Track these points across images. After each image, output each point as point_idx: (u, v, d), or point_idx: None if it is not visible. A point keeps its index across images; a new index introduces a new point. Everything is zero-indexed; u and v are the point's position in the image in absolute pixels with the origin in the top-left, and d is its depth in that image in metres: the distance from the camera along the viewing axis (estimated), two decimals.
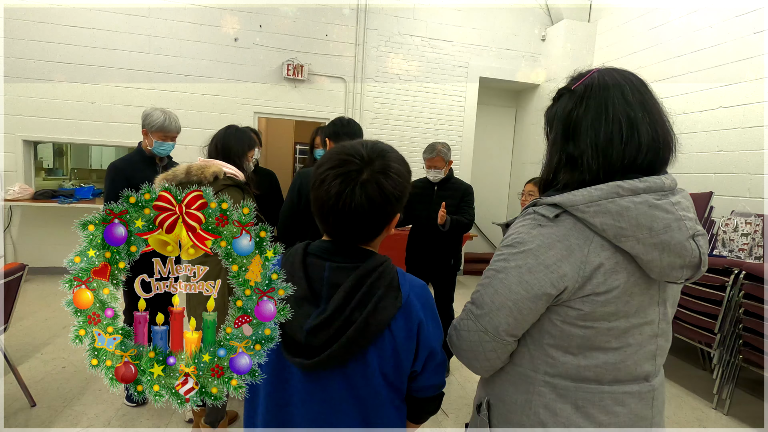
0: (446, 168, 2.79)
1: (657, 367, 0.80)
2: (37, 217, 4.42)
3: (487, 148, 6.00)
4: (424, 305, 0.81)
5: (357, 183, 0.74)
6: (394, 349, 0.77)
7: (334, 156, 0.78)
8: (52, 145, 5.29)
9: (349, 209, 0.74)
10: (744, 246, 2.92)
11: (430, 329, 0.81)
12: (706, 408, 2.64)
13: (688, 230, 0.71)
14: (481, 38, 5.28)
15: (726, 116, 3.52)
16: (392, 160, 0.79)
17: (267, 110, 4.86)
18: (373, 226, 0.78)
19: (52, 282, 4.17)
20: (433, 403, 0.89)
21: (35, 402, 2.22)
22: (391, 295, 0.76)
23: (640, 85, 0.77)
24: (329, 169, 0.76)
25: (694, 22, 3.80)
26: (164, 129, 2.17)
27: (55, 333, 3.10)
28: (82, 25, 4.26)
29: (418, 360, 0.81)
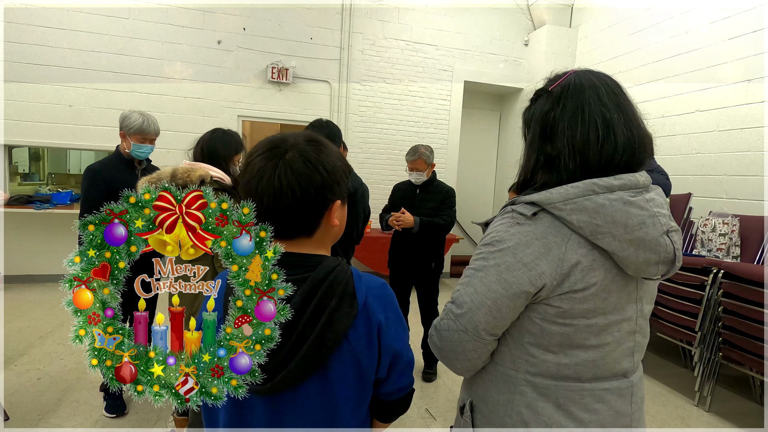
0: (429, 171, 2.80)
1: (635, 363, 0.81)
2: (12, 224, 4.28)
3: (471, 151, 6.06)
4: (385, 305, 0.77)
5: (280, 161, 0.71)
6: (355, 360, 0.73)
7: (261, 144, 0.76)
8: (28, 149, 5.15)
9: (273, 189, 0.70)
10: (722, 246, 3.00)
11: (391, 330, 0.76)
12: (688, 405, 2.69)
13: (662, 226, 0.72)
14: (466, 42, 5.34)
15: (703, 119, 3.62)
16: (323, 144, 0.76)
17: (251, 113, 4.82)
18: (307, 209, 0.73)
19: (28, 290, 4.04)
20: (402, 403, 0.85)
21: (8, 416, 2.14)
22: (346, 303, 0.71)
23: (615, 86, 0.78)
24: (254, 155, 0.74)
25: (672, 28, 3.91)
26: (142, 131, 2.13)
27: (30, 343, 3.00)
28: (59, 26, 4.17)
29: (381, 366, 0.76)
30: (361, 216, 2.20)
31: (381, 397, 0.82)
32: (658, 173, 2.62)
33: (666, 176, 2.65)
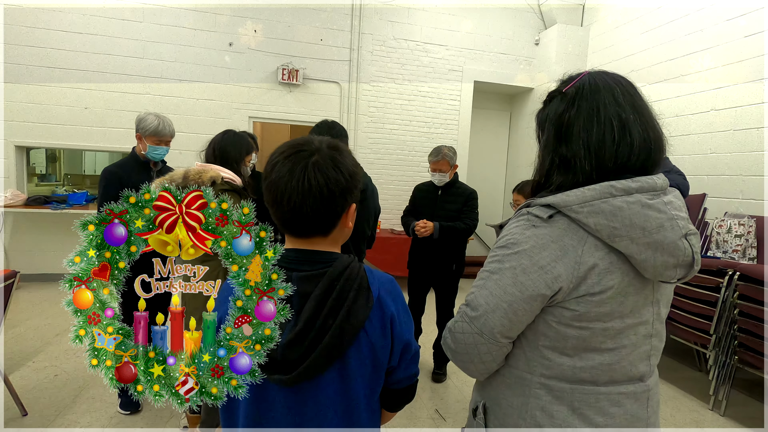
0: (451, 172, 2.79)
1: (651, 367, 0.80)
2: (30, 224, 4.37)
3: (481, 151, 6.03)
4: (395, 299, 0.82)
5: (309, 163, 0.74)
6: (371, 349, 0.78)
7: (285, 146, 0.78)
8: (45, 150, 5.26)
9: (302, 189, 0.72)
10: (738, 247, 2.94)
11: (402, 322, 0.82)
12: (702, 409, 2.65)
13: (680, 229, 0.71)
14: (475, 42, 5.32)
15: (718, 119, 3.55)
16: (345, 150, 0.80)
17: (262, 115, 4.86)
18: (330, 209, 0.76)
19: (45, 289, 4.12)
20: (410, 391, 0.90)
21: (27, 411, 2.18)
22: (363, 296, 0.76)
23: (630, 87, 0.77)
24: (280, 155, 0.76)
25: (686, 26, 3.85)
26: (158, 133, 2.16)
27: (47, 341, 3.06)
28: (76, 30, 4.25)
29: (393, 354, 0.82)
30: (372, 212, 2.19)
31: (391, 386, 0.87)
32: (675, 174, 2.58)
33: (683, 176, 2.62)
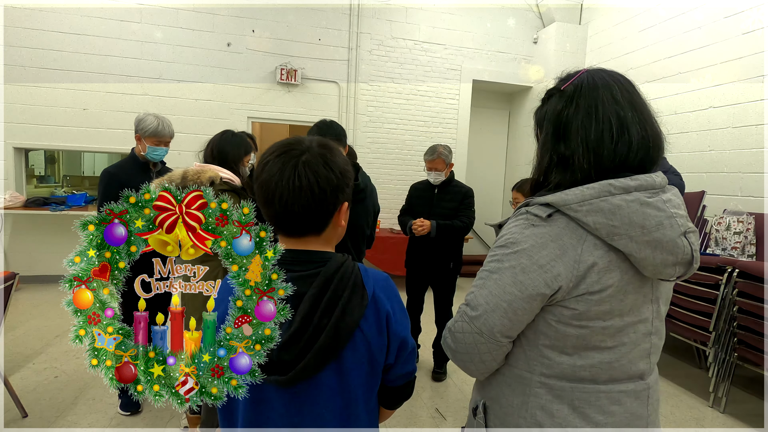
0: (447, 170, 2.79)
1: (651, 365, 0.80)
2: (29, 225, 4.37)
3: (480, 150, 6.03)
4: (390, 296, 0.82)
5: (299, 161, 0.74)
6: (367, 347, 0.77)
7: (276, 145, 0.79)
8: (44, 152, 5.25)
9: (292, 187, 0.73)
10: (737, 244, 2.95)
11: (398, 319, 0.81)
12: (702, 406, 2.65)
13: (679, 227, 0.71)
14: (474, 41, 5.32)
15: (717, 116, 3.55)
16: (335, 149, 0.80)
17: (261, 115, 4.86)
18: (321, 207, 0.76)
19: (44, 291, 4.11)
20: (408, 388, 0.90)
21: (27, 413, 2.18)
22: (357, 294, 0.75)
23: (628, 85, 0.77)
24: (271, 155, 0.77)
25: (684, 24, 3.85)
26: (157, 134, 2.16)
27: (47, 342, 3.06)
28: (75, 31, 4.25)
29: (390, 352, 0.82)
30: (371, 211, 2.19)
31: (389, 383, 0.87)
32: (672, 174, 2.59)
33: (680, 176, 2.62)
